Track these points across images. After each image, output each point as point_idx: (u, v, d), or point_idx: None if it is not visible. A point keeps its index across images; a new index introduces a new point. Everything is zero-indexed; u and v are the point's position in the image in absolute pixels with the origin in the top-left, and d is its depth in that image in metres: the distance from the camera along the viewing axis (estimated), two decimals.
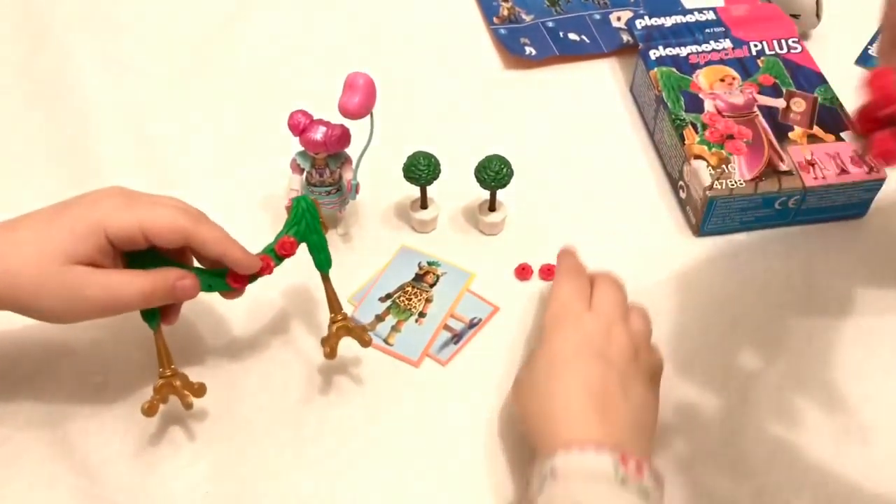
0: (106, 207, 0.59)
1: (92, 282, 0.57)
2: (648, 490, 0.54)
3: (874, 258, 0.77)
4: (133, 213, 0.59)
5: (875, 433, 0.67)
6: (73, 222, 0.58)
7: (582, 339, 0.62)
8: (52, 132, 0.85)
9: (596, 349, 0.61)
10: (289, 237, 0.63)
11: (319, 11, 0.97)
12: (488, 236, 0.78)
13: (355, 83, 0.66)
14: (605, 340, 0.62)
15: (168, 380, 0.62)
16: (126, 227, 0.58)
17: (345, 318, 0.65)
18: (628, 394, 0.60)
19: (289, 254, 0.63)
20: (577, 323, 0.63)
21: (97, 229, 0.58)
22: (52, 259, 0.56)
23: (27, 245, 0.57)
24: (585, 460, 0.55)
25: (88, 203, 0.59)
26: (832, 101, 0.81)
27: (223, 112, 0.88)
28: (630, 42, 0.92)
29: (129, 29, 0.95)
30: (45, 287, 0.56)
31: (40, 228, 0.58)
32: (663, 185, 0.82)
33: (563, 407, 0.59)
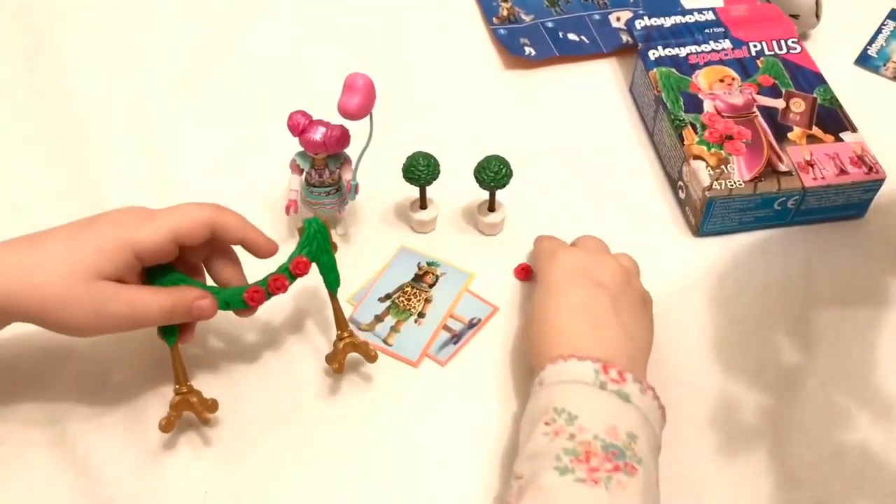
0: (131, 223, 0.60)
1: (117, 298, 0.59)
2: (629, 394, 0.57)
3: (873, 258, 0.77)
4: (159, 222, 0.60)
5: (872, 436, 0.67)
6: (101, 239, 0.59)
7: (573, 266, 0.66)
8: (52, 132, 0.85)
9: (587, 274, 0.65)
10: (302, 257, 0.65)
11: (319, 12, 0.97)
12: (488, 236, 0.78)
13: (355, 84, 0.66)
14: (595, 266, 0.66)
15: (184, 396, 0.63)
16: (156, 237, 0.60)
17: (351, 335, 0.66)
18: (620, 314, 0.63)
19: (302, 273, 0.65)
20: (567, 254, 0.67)
21: (125, 246, 0.59)
22: (80, 274, 0.58)
23: (55, 260, 0.58)
24: (568, 367, 0.58)
25: (113, 220, 0.60)
26: (831, 101, 0.81)
27: (223, 112, 0.88)
28: (629, 42, 0.92)
29: (129, 29, 0.95)
30: (71, 301, 0.57)
31: (68, 244, 0.59)
32: (663, 186, 0.83)
33: (556, 326, 0.62)
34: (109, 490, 0.63)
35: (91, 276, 0.58)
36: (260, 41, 0.94)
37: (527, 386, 0.69)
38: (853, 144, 0.78)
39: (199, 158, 0.84)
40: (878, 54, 0.93)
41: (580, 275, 0.65)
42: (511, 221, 0.79)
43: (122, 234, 0.59)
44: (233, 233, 0.63)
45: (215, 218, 0.62)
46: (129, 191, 0.80)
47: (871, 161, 0.77)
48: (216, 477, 0.64)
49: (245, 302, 0.64)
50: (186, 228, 0.61)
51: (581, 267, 0.66)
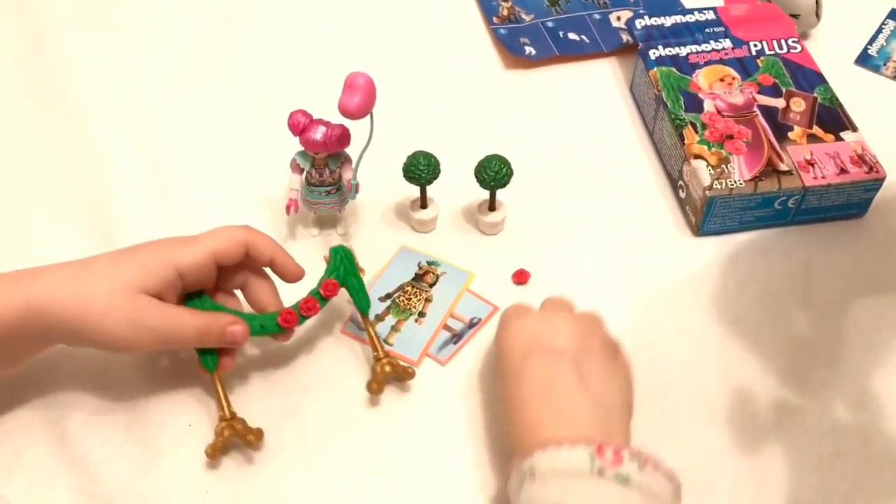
0: (173, 245, 0.63)
1: (156, 313, 0.61)
2: (628, 475, 0.54)
3: (874, 257, 0.77)
4: (199, 244, 0.63)
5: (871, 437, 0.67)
6: (145, 256, 0.62)
7: (527, 339, 0.62)
8: (52, 132, 0.85)
9: (543, 345, 0.61)
10: (331, 280, 0.67)
11: (319, 11, 0.97)
12: (488, 236, 0.78)
13: (355, 83, 0.66)
14: (551, 333, 0.62)
15: (229, 422, 0.63)
16: (197, 256, 0.63)
17: (387, 355, 0.67)
18: (587, 381, 0.59)
19: (332, 294, 0.67)
20: (520, 324, 0.64)
21: (167, 263, 0.62)
22: (123, 287, 0.60)
23: (100, 274, 0.61)
24: (561, 457, 0.55)
25: (156, 243, 0.64)
26: (832, 100, 0.81)
27: (223, 111, 0.88)
28: (630, 42, 0.92)
29: (129, 28, 0.95)
30: (112, 313, 0.59)
31: (113, 261, 0.62)
32: (663, 185, 0.83)
33: (520, 415, 0.59)
34: (109, 490, 0.63)
35: (133, 289, 0.60)
36: (260, 41, 0.94)
37: None
38: (853, 144, 0.78)
39: (199, 158, 0.84)
40: (879, 54, 0.93)
41: (536, 348, 0.61)
42: (511, 221, 0.79)
43: (165, 252, 0.62)
44: (264, 252, 0.65)
45: (248, 237, 0.65)
46: (130, 191, 0.80)
47: (872, 160, 0.77)
48: (216, 477, 0.64)
49: (279, 325, 0.65)
50: (224, 248, 0.63)
51: (536, 338, 0.62)
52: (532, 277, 0.75)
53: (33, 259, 0.75)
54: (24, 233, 0.78)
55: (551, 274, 0.75)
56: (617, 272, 0.76)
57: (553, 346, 0.61)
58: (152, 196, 0.80)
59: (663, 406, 0.68)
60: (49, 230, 0.77)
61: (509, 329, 0.64)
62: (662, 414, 0.68)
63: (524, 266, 0.75)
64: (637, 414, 0.67)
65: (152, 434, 0.65)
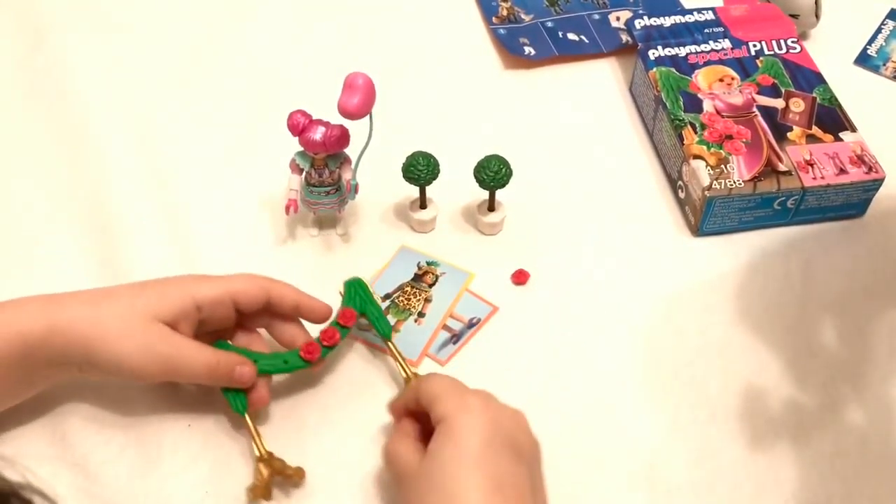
0: (193, 279, 0.64)
1: (168, 341, 0.61)
2: None
3: (873, 257, 0.77)
4: (218, 282, 0.64)
5: (870, 437, 0.67)
6: (165, 285, 0.63)
7: (493, 425, 0.55)
8: (52, 132, 0.85)
9: (509, 437, 0.55)
10: (348, 308, 0.67)
11: (319, 11, 0.97)
12: (487, 236, 0.78)
13: (355, 83, 0.66)
14: (514, 426, 0.56)
15: (268, 461, 0.62)
16: (216, 293, 0.63)
17: (416, 376, 0.66)
18: (535, 491, 0.55)
19: (350, 322, 0.67)
20: (482, 404, 0.56)
21: (186, 293, 0.62)
22: (139, 313, 0.61)
23: (120, 300, 0.61)
24: None
25: (176, 277, 0.64)
26: (831, 101, 0.81)
27: (223, 112, 0.88)
28: (629, 42, 0.92)
29: (129, 28, 0.95)
30: (127, 337, 0.60)
31: (134, 290, 0.63)
32: (662, 185, 0.83)
33: None
34: (109, 491, 0.63)
35: (149, 316, 0.61)
36: (260, 41, 0.94)
37: (526, 386, 0.69)
38: (853, 144, 0.78)
39: (199, 158, 0.84)
40: (878, 54, 0.93)
41: (500, 438, 0.54)
42: (510, 221, 0.79)
43: (184, 284, 0.63)
44: (288, 300, 0.65)
45: (271, 287, 0.65)
46: (130, 191, 0.80)
47: (871, 160, 0.77)
48: (216, 477, 0.64)
49: (303, 359, 0.65)
50: (243, 290, 0.64)
51: (501, 426, 0.55)
52: (531, 278, 0.75)
53: (33, 259, 0.76)
54: (24, 233, 0.78)
55: (551, 274, 0.75)
56: (616, 272, 0.76)
57: (517, 443, 0.55)
58: (152, 196, 0.80)
59: (663, 406, 0.68)
60: (49, 230, 0.77)
61: (468, 405, 0.55)
62: (662, 414, 0.68)
63: (524, 266, 0.75)
64: (636, 415, 0.68)
65: (152, 435, 0.65)
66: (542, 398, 0.68)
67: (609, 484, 0.64)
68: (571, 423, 0.67)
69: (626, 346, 0.71)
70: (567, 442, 0.66)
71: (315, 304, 0.66)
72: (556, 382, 0.69)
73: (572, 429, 0.67)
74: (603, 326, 0.72)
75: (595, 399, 0.68)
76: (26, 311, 0.60)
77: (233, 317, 0.65)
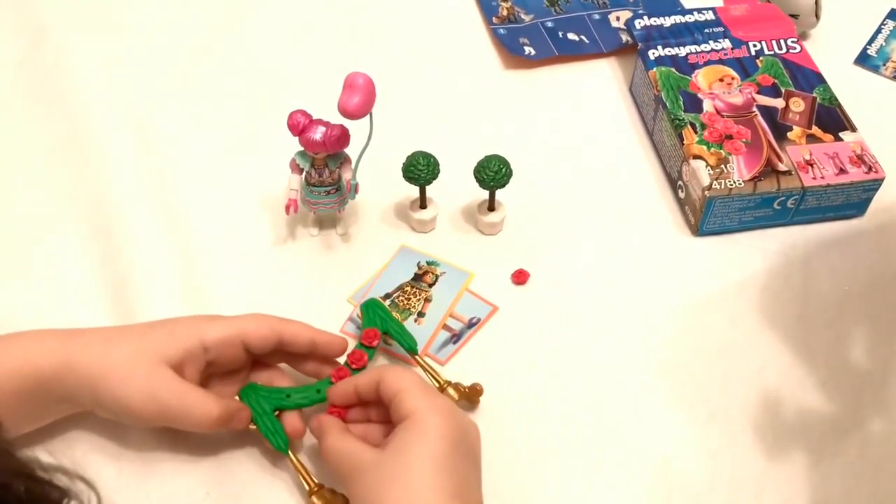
0: (201, 320, 0.63)
1: (171, 387, 0.60)
2: None
3: (873, 257, 0.77)
4: (227, 323, 0.63)
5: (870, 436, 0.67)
6: (174, 326, 0.62)
7: (459, 428, 0.57)
8: (52, 132, 0.85)
9: (466, 440, 0.57)
10: (371, 328, 0.67)
11: (319, 11, 0.97)
12: (487, 236, 0.78)
13: (355, 83, 0.66)
14: (476, 438, 0.58)
15: (320, 493, 0.61)
16: (224, 334, 0.62)
17: (448, 382, 0.66)
18: (480, 495, 0.57)
19: (374, 342, 0.67)
20: (450, 406, 0.58)
21: (194, 333, 0.61)
22: (146, 355, 0.60)
23: (130, 340, 0.61)
24: None
25: (186, 317, 0.64)
26: (831, 100, 0.81)
27: (223, 112, 0.88)
28: (629, 42, 0.92)
29: (129, 28, 0.95)
30: (132, 380, 0.59)
31: (144, 329, 0.62)
32: (662, 185, 0.83)
33: None
34: (109, 490, 0.63)
35: (157, 359, 0.60)
36: (260, 41, 0.94)
37: (526, 385, 0.69)
38: (853, 144, 0.78)
39: (199, 158, 0.84)
40: (878, 54, 0.93)
41: (464, 446, 0.56)
42: (510, 221, 0.79)
43: (193, 324, 0.62)
44: (301, 338, 0.64)
45: (282, 328, 0.63)
46: (130, 191, 0.80)
47: (871, 160, 0.77)
48: (216, 478, 0.64)
49: (332, 382, 0.65)
50: (253, 330, 0.62)
51: (466, 433, 0.57)
52: (531, 277, 0.75)
53: (33, 259, 0.75)
54: (24, 233, 0.78)
55: (551, 274, 0.75)
56: (616, 272, 0.76)
57: (475, 452, 0.58)
58: (152, 196, 0.80)
59: (662, 406, 0.68)
60: (49, 230, 0.77)
61: (438, 405, 0.57)
62: (661, 414, 0.68)
63: (524, 266, 0.75)
64: (636, 415, 0.68)
65: (153, 434, 0.65)
66: (542, 398, 0.68)
67: (609, 484, 0.64)
68: (571, 423, 0.67)
69: (626, 346, 0.71)
70: (567, 442, 0.66)
71: (331, 339, 0.65)
72: (556, 382, 0.69)
73: (572, 429, 0.67)
74: (603, 326, 0.72)
75: (595, 399, 0.68)
76: (42, 345, 0.60)
77: (243, 357, 0.64)
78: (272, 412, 0.63)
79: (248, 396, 0.63)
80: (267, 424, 0.62)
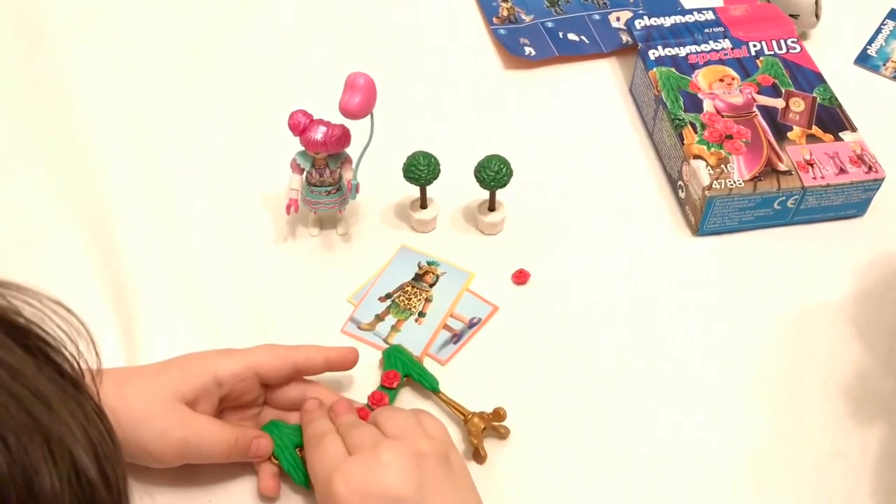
0: (214, 355, 0.63)
1: (185, 424, 0.60)
2: None
3: (873, 257, 0.77)
4: (240, 355, 0.63)
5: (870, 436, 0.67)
6: (187, 361, 0.62)
7: (357, 490, 0.55)
8: (51, 132, 0.85)
9: (375, 493, 0.55)
10: (391, 371, 0.67)
11: (319, 11, 0.97)
12: (488, 236, 0.78)
13: (356, 83, 0.66)
14: (379, 472, 0.55)
15: None
16: (236, 368, 0.62)
17: (474, 414, 0.65)
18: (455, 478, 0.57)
19: (394, 383, 0.66)
20: (345, 471, 0.56)
21: (207, 370, 0.61)
22: (163, 394, 0.60)
23: (142, 382, 0.60)
24: None
25: (199, 353, 0.63)
26: (831, 100, 0.81)
27: (223, 112, 0.88)
28: (629, 42, 0.92)
29: (129, 28, 0.95)
30: (149, 421, 0.59)
31: (157, 369, 0.62)
32: (662, 185, 0.83)
33: None
34: None
35: (172, 395, 0.60)
36: (260, 40, 0.94)
37: (526, 385, 0.69)
38: (853, 144, 0.78)
39: (199, 157, 0.84)
40: (878, 54, 0.94)
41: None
42: (511, 221, 0.79)
43: (206, 360, 0.62)
44: (316, 360, 0.64)
45: (292, 355, 0.63)
46: (130, 191, 0.80)
47: (871, 160, 0.77)
48: (220, 486, 0.63)
49: (370, 405, 0.65)
50: (267, 362, 0.62)
51: (365, 487, 0.55)
52: (532, 277, 0.75)
53: (33, 259, 0.75)
54: (24, 233, 0.78)
55: (551, 274, 0.75)
56: (616, 272, 0.76)
57: (389, 491, 0.55)
58: (152, 196, 0.80)
59: (662, 406, 0.68)
60: (49, 230, 0.77)
61: (334, 484, 0.55)
62: (661, 414, 0.68)
63: (524, 266, 0.75)
64: (636, 414, 0.68)
65: None
66: (542, 398, 0.68)
67: (609, 484, 0.64)
68: (571, 423, 0.67)
69: (626, 346, 0.71)
70: (566, 442, 0.66)
71: (343, 352, 0.65)
72: (556, 382, 0.69)
73: (572, 429, 0.67)
74: (603, 326, 0.72)
75: (595, 399, 0.68)
76: None
77: (258, 390, 0.64)
78: (293, 448, 0.63)
79: (270, 433, 0.63)
80: (289, 459, 0.62)
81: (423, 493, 0.55)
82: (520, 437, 0.66)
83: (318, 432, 0.60)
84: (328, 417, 0.62)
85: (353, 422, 0.61)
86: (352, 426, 0.60)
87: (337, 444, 0.58)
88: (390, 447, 0.56)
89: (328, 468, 0.56)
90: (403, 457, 0.56)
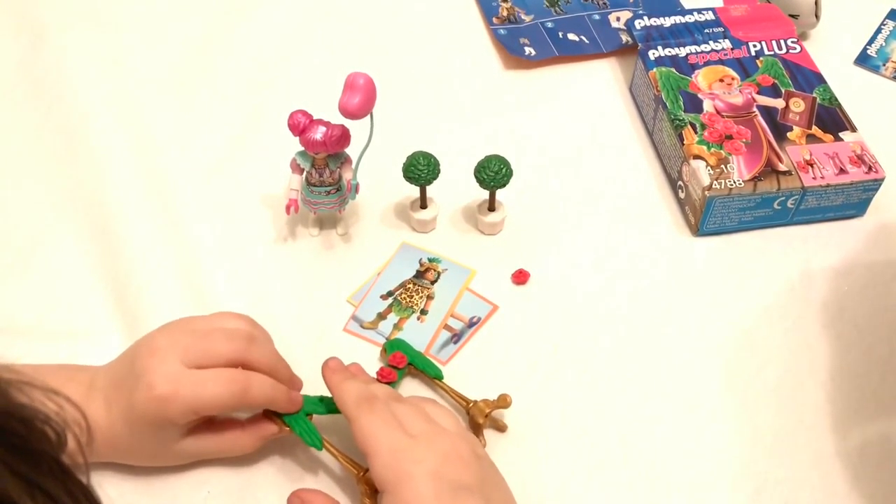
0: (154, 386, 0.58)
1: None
2: None
3: (873, 258, 0.77)
4: (180, 398, 0.58)
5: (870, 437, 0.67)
6: None
7: (438, 483, 0.54)
8: (50, 132, 0.85)
9: (456, 481, 0.54)
10: (397, 353, 0.68)
11: (319, 11, 0.97)
12: (488, 236, 0.78)
13: (355, 83, 0.66)
14: (458, 459, 0.56)
15: (364, 476, 0.61)
16: (181, 413, 0.59)
17: (475, 403, 0.66)
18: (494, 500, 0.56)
19: (402, 364, 0.67)
20: (423, 462, 0.54)
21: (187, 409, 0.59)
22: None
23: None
24: None
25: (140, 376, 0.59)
26: (831, 101, 0.81)
27: (223, 112, 0.88)
28: (629, 42, 0.92)
29: (128, 28, 0.95)
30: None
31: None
32: (662, 185, 0.83)
33: None
34: (110, 490, 0.63)
35: None
36: (260, 40, 0.94)
37: (526, 385, 0.69)
38: (852, 144, 0.78)
39: (199, 157, 0.84)
40: (878, 54, 0.94)
41: (447, 488, 0.54)
42: (511, 221, 0.79)
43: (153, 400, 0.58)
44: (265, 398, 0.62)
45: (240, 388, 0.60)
46: (130, 191, 0.80)
47: (871, 160, 0.77)
48: (218, 477, 0.64)
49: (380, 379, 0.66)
50: (207, 409, 0.60)
51: (444, 475, 0.54)
52: (532, 277, 0.75)
53: (33, 260, 0.75)
54: (24, 233, 0.78)
55: (551, 274, 0.75)
56: (616, 272, 0.76)
57: (462, 476, 0.55)
58: (152, 196, 0.80)
59: (662, 406, 0.68)
60: (49, 231, 0.77)
61: (412, 473, 0.54)
62: (661, 414, 0.68)
63: (524, 266, 0.76)
64: (636, 415, 0.68)
65: None
66: (542, 397, 0.68)
67: (609, 483, 0.64)
68: (570, 423, 0.67)
69: (625, 346, 0.71)
70: (566, 441, 0.66)
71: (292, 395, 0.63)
72: (556, 382, 0.69)
73: (571, 428, 0.67)
74: (603, 326, 0.72)
75: (594, 399, 0.68)
76: None
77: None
78: (304, 416, 0.63)
79: (290, 422, 0.63)
80: (301, 426, 0.62)
81: (485, 493, 0.55)
82: (520, 437, 0.66)
83: (366, 394, 0.58)
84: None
85: (393, 394, 0.61)
86: (393, 398, 0.60)
87: (390, 418, 0.57)
88: (456, 440, 0.57)
89: (393, 443, 0.55)
90: (468, 451, 0.56)
